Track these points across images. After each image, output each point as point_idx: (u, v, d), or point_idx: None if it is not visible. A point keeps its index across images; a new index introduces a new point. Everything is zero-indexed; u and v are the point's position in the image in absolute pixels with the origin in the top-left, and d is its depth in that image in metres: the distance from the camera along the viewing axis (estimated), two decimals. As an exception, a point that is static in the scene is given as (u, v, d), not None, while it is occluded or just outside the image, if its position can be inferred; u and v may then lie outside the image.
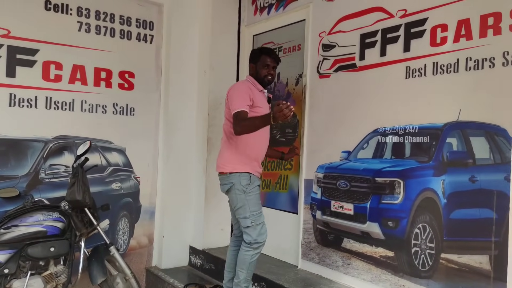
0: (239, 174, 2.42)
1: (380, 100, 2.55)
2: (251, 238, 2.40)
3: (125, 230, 3.49)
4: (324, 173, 2.88)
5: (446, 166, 2.21)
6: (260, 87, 2.56)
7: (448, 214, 2.19)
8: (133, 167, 3.52)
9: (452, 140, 2.21)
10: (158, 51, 3.63)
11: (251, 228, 2.41)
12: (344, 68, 2.79)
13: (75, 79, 3.25)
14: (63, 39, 3.19)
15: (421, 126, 2.33)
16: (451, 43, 2.22)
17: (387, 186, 2.46)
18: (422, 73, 2.34)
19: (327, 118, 2.90)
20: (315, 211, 2.94)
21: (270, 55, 2.57)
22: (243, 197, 2.41)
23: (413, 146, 2.38)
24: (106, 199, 3.31)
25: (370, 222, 2.55)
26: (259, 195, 2.50)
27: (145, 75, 3.56)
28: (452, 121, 2.20)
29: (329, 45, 2.92)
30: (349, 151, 2.72)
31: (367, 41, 2.65)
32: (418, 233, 2.31)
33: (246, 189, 2.41)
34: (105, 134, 3.39)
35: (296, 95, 3.26)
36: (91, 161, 3.15)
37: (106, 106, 3.39)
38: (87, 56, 3.29)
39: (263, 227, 2.45)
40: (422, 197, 2.30)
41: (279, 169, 3.38)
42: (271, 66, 2.55)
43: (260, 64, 2.54)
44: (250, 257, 2.43)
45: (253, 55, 2.63)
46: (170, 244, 3.57)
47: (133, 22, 3.52)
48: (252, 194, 2.44)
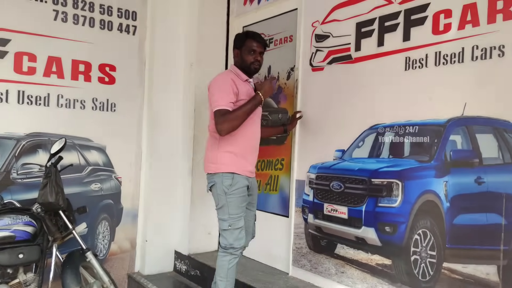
0: (222, 174, 2.26)
1: (377, 94, 2.35)
2: (226, 242, 2.25)
3: (105, 234, 3.28)
4: (316, 174, 2.67)
5: (449, 166, 2.01)
6: (245, 77, 2.36)
7: (451, 219, 1.98)
8: (114, 167, 3.32)
9: (456, 138, 2.00)
10: (142, 43, 3.43)
11: (228, 232, 2.25)
12: (338, 60, 2.60)
13: (51, 72, 3.04)
14: (37, 29, 2.97)
15: (422, 122, 2.13)
16: (455, 31, 2.01)
17: (384, 188, 2.26)
18: (423, 64, 2.14)
19: (320, 114, 2.70)
20: (307, 214, 2.73)
21: (256, 38, 2.34)
22: (224, 198, 2.26)
23: (413, 144, 2.17)
24: (84, 201, 3.11)
25: (365, 227, 2.34)
26: (243, 198, 2.30)
27: (127, 68, 3.36)
28: (456, 116, 1.99)
29: (322, 35, 2.72)
30: (344, 150, 2.52)
31: (364, 30, 2.45)
32: (418, 239, 2.11)
33: (227, 190, 2.24)
34: (83, 132, 3.18)
35: (287, 90, 3.06)
36: (68, 160, 2.97)
37: (85, 102, 3.18)
38: (64, 48, 3.08)
39: (241, 232, 2.27)
40: (423, 200, 2.10)
41: (270, 169, 3.17)
42: (257, 51, 2.33)
43: (246, 49, 2.33)
44: (228, 263, 2.26)
45: (237, 40, 2.40)
46: (153, 249, 3.38)
47: (115, 12, 3.31)
48: (234, 196, 2.25)
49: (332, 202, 2.56)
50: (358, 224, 2.39)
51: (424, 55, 2.13)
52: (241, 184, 2.27)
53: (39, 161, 2.99)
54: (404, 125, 2.20)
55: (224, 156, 2.27)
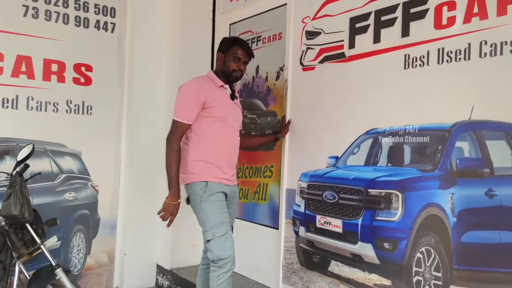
0: (194, 183, 2.17)
1: (374, 95, 2.14)
2: (213, 255, 2.10)
3: (80, 247, 3.04)
4: (308, 182, 2.45)
5: (456, 177, 1.79)
6: (220, 82, 2.25)
7: (458, 236, 1.76)
8: (90, 174, 3.09)
9: (463, 144, 1.78)
10: (121, 41, 3.22)
11: (212, 243, 2.10)
12: (331, 59, 2.38)
13: (20, 72, 2.80)
14: (4, 25, 2.74)
15: (424, 126, 1.91)
16: (460, 24, 1.80)
17: (383, 199, 2.04)
18: (424, 62, 1.92)
19: (311, 118, 2.48)
20: (298, 226, 2.50)
21: (243, 46, 2.27)
22: (200, 207, 2.15)
23: (414, 151, 1.96)
24: (57, 212, 2.88)
25: (362, 242, 2.12)
26: (220, 203, 2.17)
27: (105, 68, 3.14)
28: (462, 120, 1.78)
29: (313, 32, 2.50)
30: (337, 157, 2.30)
31: (358, 25, 2.24)
32: (421, 258, 1.88)
33: (201, 198, 2.13)
34: (56, 137, 2.95)
35: (276, 92, 2.84)
36: (39, 168, 2.77)
37: (58, 104, 2.95)
38: (35, 46, 2.85)
39: (227, 241, 2.11)
40: (426, 214, 1.88)
41: (258, 177, 2.94)
42: (242, 60, 2.26)
43: (230, 55, 2.25)
44: (217, 278, 2.09)
45: (223, 43, 2.33)
46: (133, 263, 3.16)
47: (91, 8, 3.09)
48: (209, 201, 2.13)
49: (325, 214, 2.33)
50: (353, 239, 2.16)
51: (426, 52, 1.92)
52: (215, 189, 2.16)
53: (6, 169, 2.74)
54: (404, 129, 1.98)
55: (194, 166, 2.18)
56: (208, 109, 2.15)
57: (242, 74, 2.29)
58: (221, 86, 2.25)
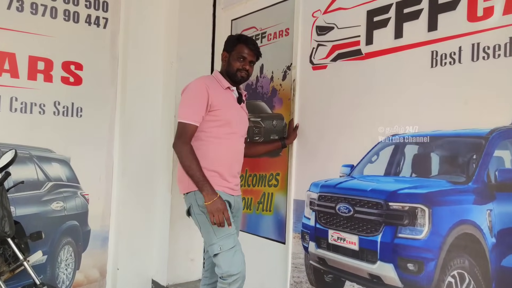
0: (194, 192, 1.99)
1: (396, 97, 1.91)
2: (221, 270, 1.93)
3: (68, 262, 2.81)
4: (319, 193, 2.22)
5: (494, 190, 1.56)
6: (226, 84, 2.08)
7: (498, 259, 1.53)
8: (80, 182, 2.86)
9: (503, 154, 1.56)
10: (114, 37, 2.99)
11: (220, 257, 1.93)
12: (345, 56, 2.16)
13: (2, 70, 2.58)
14: (-15, 19, 2.52)
15: (455, 132, 1.69)
16: (499, 16, 1.58)
17: (406, 214, 1.81)
18: (455, 59, 1.70)
19: (322, 122, 2.26)
20: (307, 242, 2.28)
21: (249, 45, 2.11)
22: (203, 218, 1.98)
23: (444, 160, 1.73)
24: (43, 223, 2.67)
25: (382, 262, 1.89)
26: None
27: (97, 67, 2.92)
28: (502, 126, 1.55)
29: (325, 27, 2.29)
30: (353, 165, 2.08)
31: (376, 19, 2.02)
32: (453, 283, 1.65)
33: (204, 208, 1.92)
34: (43, 141, 2.72)
35: (283, 93, 2.62)
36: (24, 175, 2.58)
37: (45, 105, 2.72)
38: (19, 42, 2.62)
39: (236, 254, 1.93)
40: (458, 232, 1.65)
41: (262, 185, 2.71)
42: (247, 59, 2.10)
43: (235, 54, 2.10)
44: None
45: (228, 42, 2.19)
46: (127, 278, 2.94)
47: (82, 1, 2.87)
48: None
49: (338, 228, 2.10)
50: (372, 258, 1.93)
51: (457, 48, 1.69)
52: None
53: (-14, 177, 2.50)
54: (432, 136, 1.76)
55: None
56: (213, 112, 2.00)
57: (248, 75, 2.12)
58: (227, 88, 2.10)
